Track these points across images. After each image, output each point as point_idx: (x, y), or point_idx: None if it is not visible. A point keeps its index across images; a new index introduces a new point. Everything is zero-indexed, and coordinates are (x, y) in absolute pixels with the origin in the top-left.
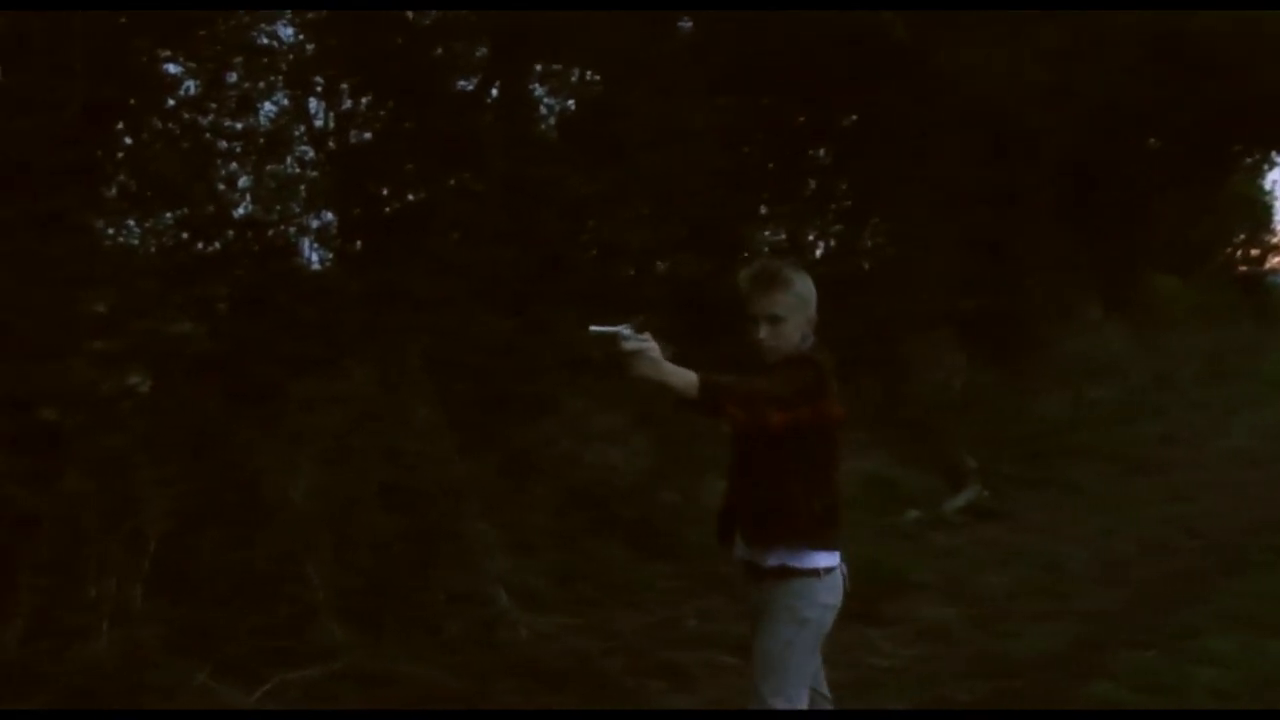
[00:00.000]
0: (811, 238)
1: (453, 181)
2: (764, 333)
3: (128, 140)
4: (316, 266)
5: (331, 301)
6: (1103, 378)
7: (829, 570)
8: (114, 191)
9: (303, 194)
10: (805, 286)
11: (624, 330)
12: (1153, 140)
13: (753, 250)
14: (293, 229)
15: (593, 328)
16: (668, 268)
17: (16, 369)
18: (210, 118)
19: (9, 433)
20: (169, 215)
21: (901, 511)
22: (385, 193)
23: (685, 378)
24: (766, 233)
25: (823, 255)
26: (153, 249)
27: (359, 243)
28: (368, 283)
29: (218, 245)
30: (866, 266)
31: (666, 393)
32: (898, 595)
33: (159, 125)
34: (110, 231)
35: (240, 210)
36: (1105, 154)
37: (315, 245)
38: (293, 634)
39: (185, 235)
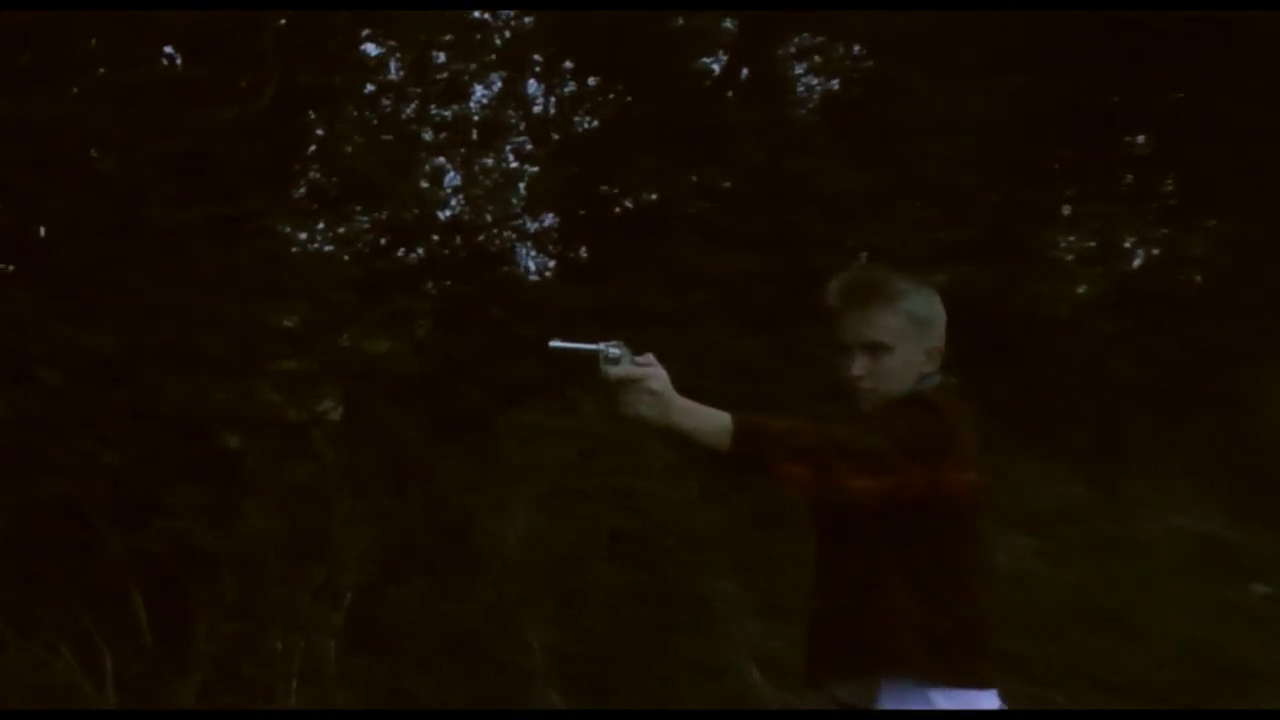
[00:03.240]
0: (1128, 244)
1: (694, 177)
2: (859, 367)
3: (319, 132)
4: (535, 277)
5: (553, 317)
6: None
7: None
8: (303, 190)
9: (520, 192)
10: (923, 305)
11: (608, 349)
12: None
13: (1051, 259)
14: (508, 233)
15: (554, 343)
16: (949, 280)
17: (195, 390)
18: (414, 105)
19: (186, 461)
20: (365, 217)
21: (1244, 584)
22: (615, 191)
23: (710, 422)
24: (1071, 237)
25: (1141, 265)
26: (346, 257)
27: (584, 249)
28: (595, 296)
29: (421, 252)
30: (1198, 279)
31: (682, 441)
32: (1240, 689)
33: (355, 114)
34: (302, 236)
35: (447, 211)
36: None
37: (533, 252)
38: (508, 701)
39: (384, 240)
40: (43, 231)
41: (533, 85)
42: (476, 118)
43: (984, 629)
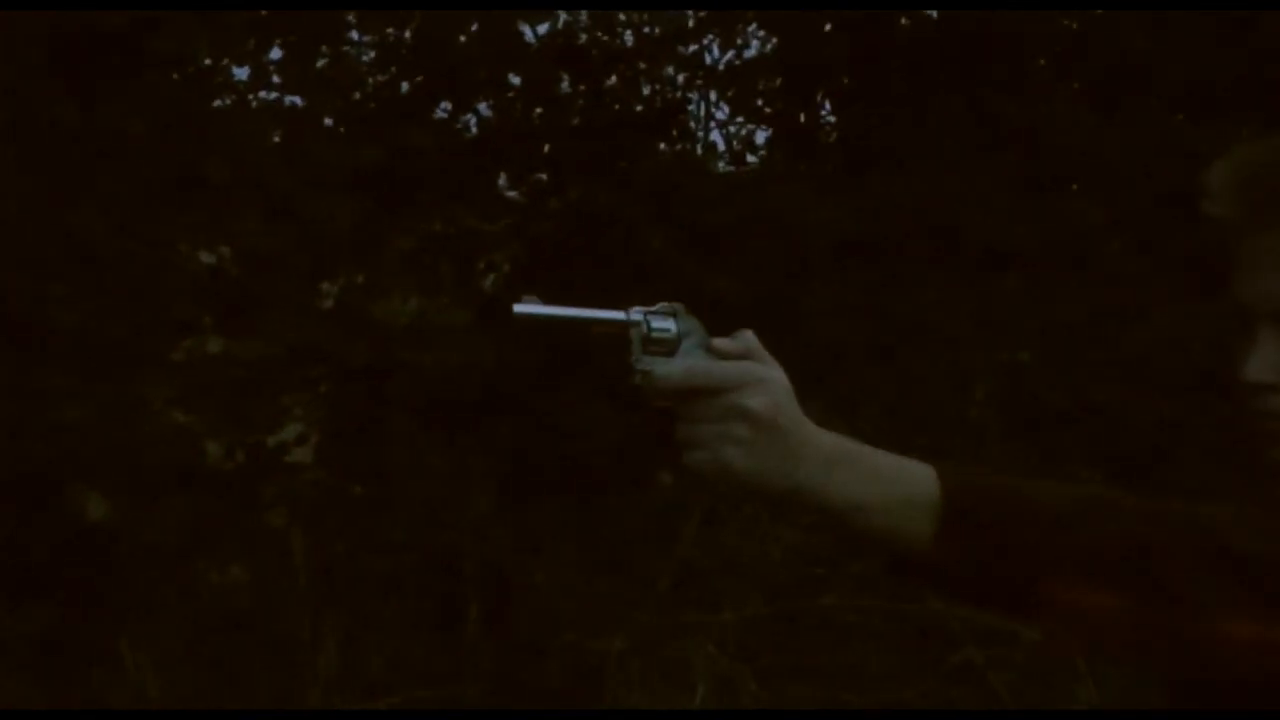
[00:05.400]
0: None
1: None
2: (1267, 362)
3: None
4: (726, 165)
5: (777, 249)
6: None
7: None
8: None
9: None
10: None
11: (647, 318)
12: None
13: None
14: (672, 73)
15: (521, 307)
16: None
17: (26, 401)
18: None
19: (16, 542)
20: (365, 39)
21: None
22: None
23: (884, 484)
24: None
25: None
26: (331, 121)
27: (825, 110)
28: (854, 210)
29: (489, 111)
30: None
31: (825, 524)
32: None
33: None
34: (239, 76)
35: (542, 28)
36: None
37: (723, 112)
38: None
39: (410, 85)
40: None
41: None
42: None
43: None
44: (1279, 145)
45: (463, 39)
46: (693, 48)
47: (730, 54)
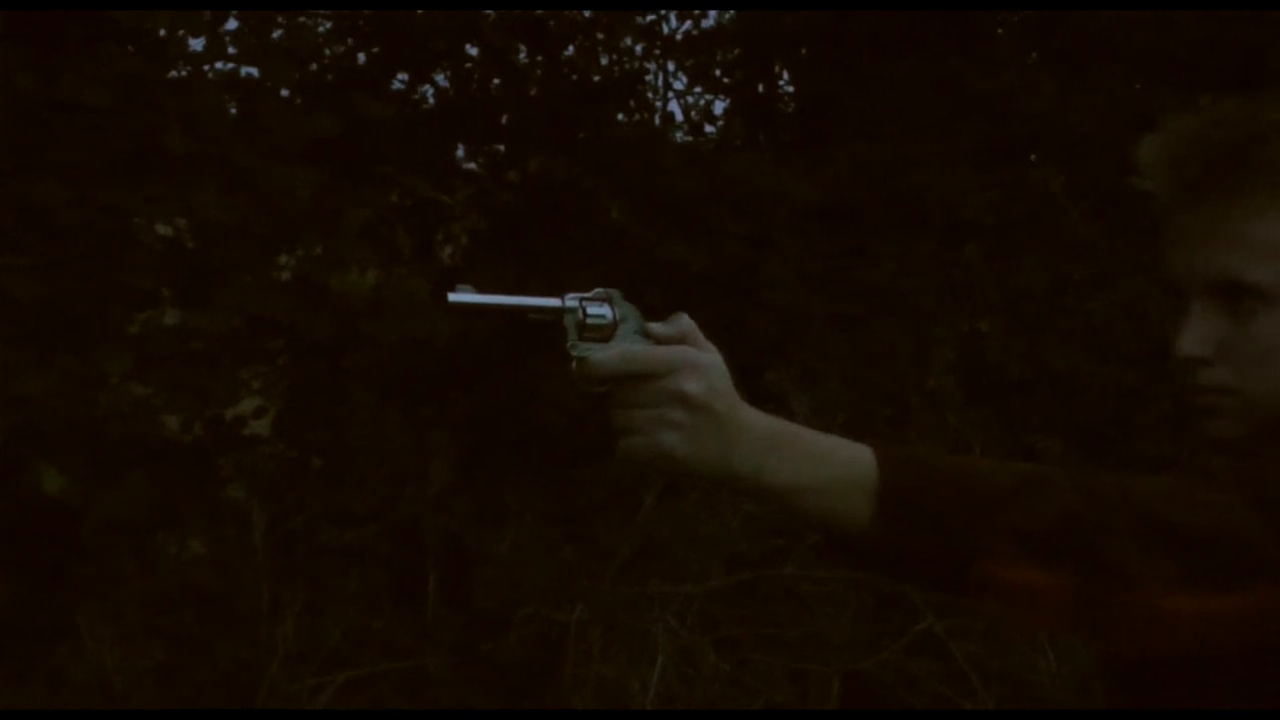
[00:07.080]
0: None
1: None
2: (1196, 337)
3: None
4: (685, 135)
5: (735, 225)
6: None
7: None
8: None
9: None
10: None
11: (582, 304)
12: None
13: None
14: (628, 39)
15: (456, 296)
16: None
17: None
18: None
19: None
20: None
21: None
22: None
23: (821, 466)
24: None
25: None
26: (286, 92)
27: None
28: (817, 177)
29: (445, 82)
30: None
31: (761, 503)
32: None
33: None
34: (195, 46)
35: None
36: None
37: (680, 83)
38: None
39: (367, 55)
40: None
41: None
42: None
43: None
44: (1208, 119)
45: (420, 10)
46: (650, 18)
47: (688, 24)
